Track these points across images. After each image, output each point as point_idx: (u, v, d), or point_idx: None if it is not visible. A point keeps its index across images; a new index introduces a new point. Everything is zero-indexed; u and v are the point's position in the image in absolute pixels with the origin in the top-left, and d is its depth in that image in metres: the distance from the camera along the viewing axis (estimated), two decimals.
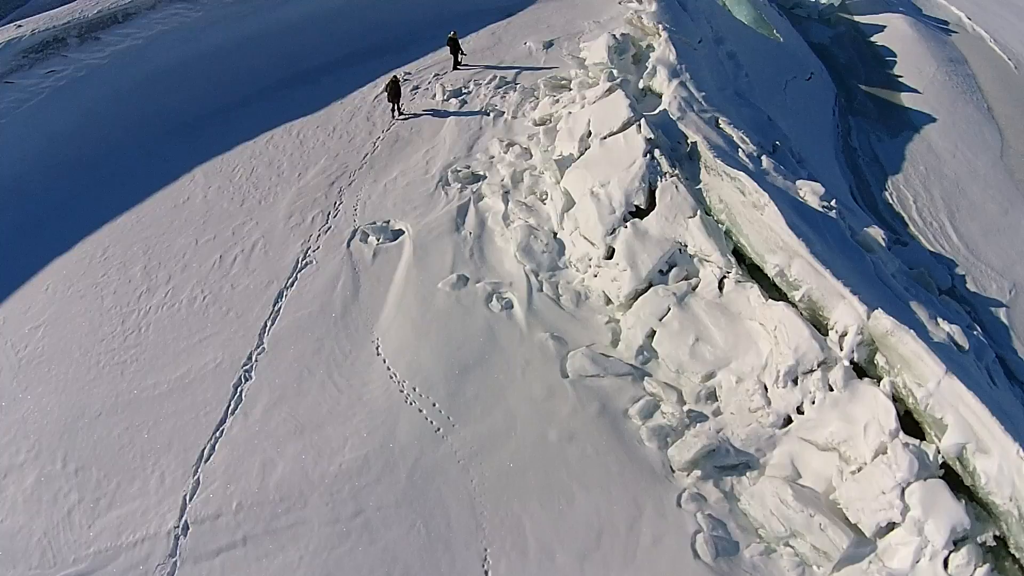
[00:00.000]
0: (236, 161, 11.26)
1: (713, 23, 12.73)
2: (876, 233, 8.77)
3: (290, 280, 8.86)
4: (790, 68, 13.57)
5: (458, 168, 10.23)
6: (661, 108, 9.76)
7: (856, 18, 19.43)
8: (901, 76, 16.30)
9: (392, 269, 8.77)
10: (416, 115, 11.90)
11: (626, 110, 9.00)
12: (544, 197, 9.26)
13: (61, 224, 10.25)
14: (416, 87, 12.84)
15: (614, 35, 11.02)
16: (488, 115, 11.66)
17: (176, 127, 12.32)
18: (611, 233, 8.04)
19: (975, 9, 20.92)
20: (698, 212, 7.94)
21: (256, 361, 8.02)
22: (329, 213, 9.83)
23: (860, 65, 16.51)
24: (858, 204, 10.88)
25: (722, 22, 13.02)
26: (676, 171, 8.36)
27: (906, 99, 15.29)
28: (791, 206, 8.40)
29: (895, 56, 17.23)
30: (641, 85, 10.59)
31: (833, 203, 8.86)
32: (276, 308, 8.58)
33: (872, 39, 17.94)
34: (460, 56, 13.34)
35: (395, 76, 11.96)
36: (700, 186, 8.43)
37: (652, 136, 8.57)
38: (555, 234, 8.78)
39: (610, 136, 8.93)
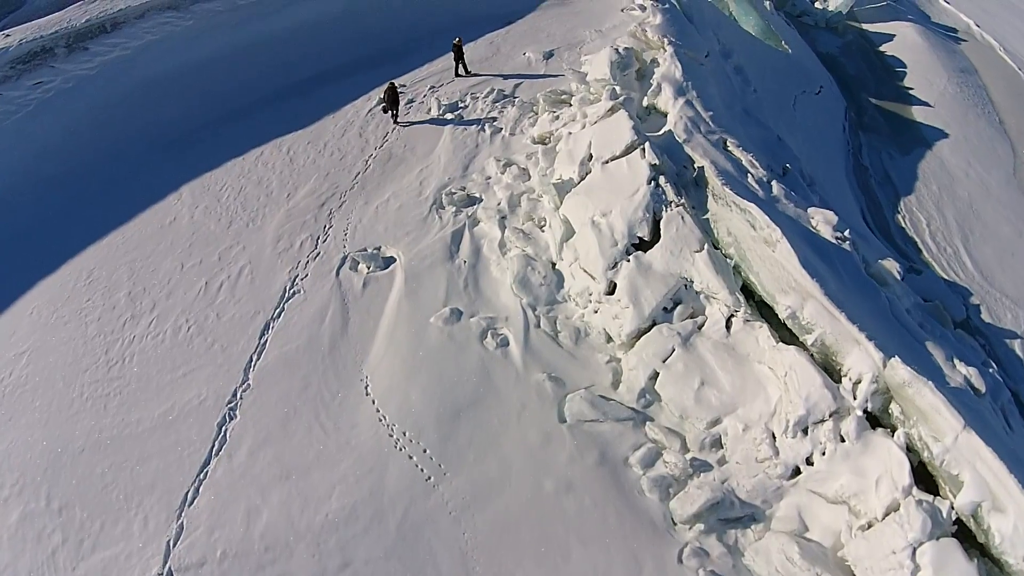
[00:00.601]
0: (224, 179, 10.72)
1: (720, 35, 12.08)
2: (891, 266, 8.28)
3: (277, 311, 8.39)
4: (799, 81, 12.96)
5: (453, 190, 9.65)
6: (666, 129, 9.15)
7: (864, 26, 18.73)
8: (911, 88, 15.69)
9: (383, 300, 8.27)
10: (414, 123, 11.35)
11: (629, 132, 8.42)
12: (542, 223, 8.69)
13: (48, 241, 9.81)
14: (411, 100, 12.20)
15: (617, 49, 10.33)
16: (485, 131, 11.04)
17: (165, 142, 11.75)
18: (613, 267, 7.50)
19: (983, 16, 20.22)
20: (705, 246, 7.39)
21: (241, 399, 7.59)
22: (318, 238, 9.30)
23: (870, 76, 15.87)
24: (871, 229, 10.35)
25: (729, 33, 12.38)
26: (682, 200, 7.80)
27: (917, 113, 14.71)
28: (804, 239, 7.89)
29: (905, 67, 16.61)
30: (645, 103, 9.97)
31: (847, 233, 8.33)
32: (262, 341, 8.14)
33: (881, 48, 17.27)
34: (463, 64, 12.74)
35: (392, 84, 11.39)
36: (707, 216, 7.88)
37: (657, 162, 8.00)
38: (554, 264, 8.23)
39: (612, 160, 8.35)
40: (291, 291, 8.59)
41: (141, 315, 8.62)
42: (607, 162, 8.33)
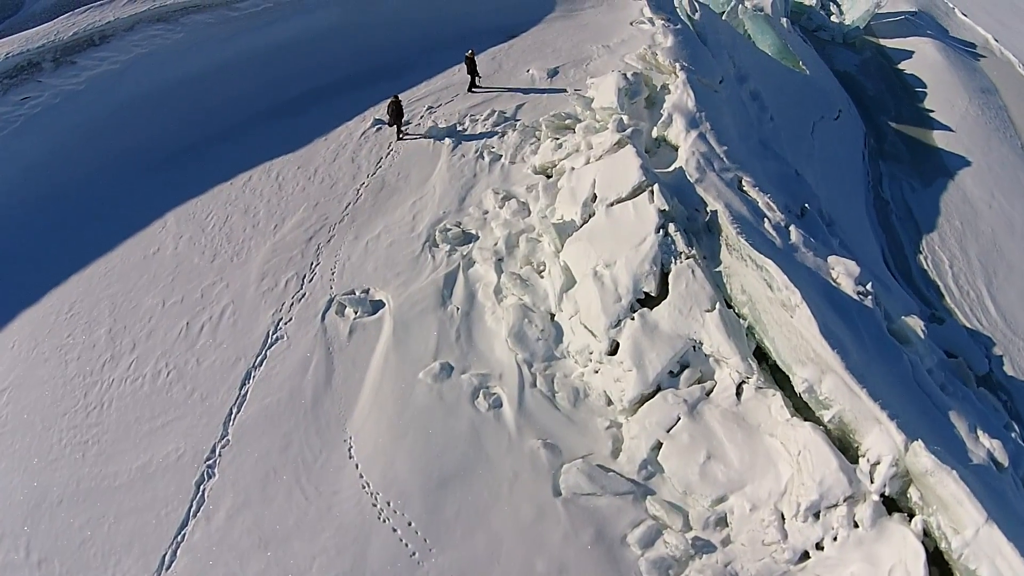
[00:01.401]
0: (211, 206, 9.99)
1: (736, 57, 11.11)
2: (915, 324, 7.54)
3: (259, 358, 7.74)
4: (817, 106, 12.01)
5: (448, 226, 8.86)
6: (677, 165, 8.31)
7: (882, 42, 17.56)
8: (932, 111, 14.68)
9: (369, 351, 7.59)
10: (411, 142, 10.63)
11: (637, 172, 7.60)
12: (542, 268, 7.92)
13: (32, 267, 9.22)
14: (407, 122, 11.27)
15: (625, 75, 9.42)
16: (484, 158, 10.20)
17: (152, 162, 10.99)
18: (616, 325, 6.76)
19: (1002, 30, 19.02)
20: (717, 305, 6.62)
21: (220, 455, 7.02)
22: (304, 276, 8.59)
23: (889, 97, 14.80)
24: (892, 272, 9.53)
25: (745, 55, 11.40)
26: (693, 251, 7.00)
27: (938, 139, 13.74)
28: (824, 296, 7.15)
29: (925, 87, 15.56)
30: (655, 134, 9.07)
31: (869, 286, 7.61)
32: (243, 392, 7.53)
33: (900, 66, 16.14)
34: (477, 78, 11.86)
35: (396, 97, 10.56)
36: (720, 268, 7.09)
37: (666, 207, 7.19)
38: (552, 316, 7.48)
39: (618, 203, 7.59)
40: (274, 336, 7.95)
41: (121, 356, 8.10)
42: (612, 204, 7.56)
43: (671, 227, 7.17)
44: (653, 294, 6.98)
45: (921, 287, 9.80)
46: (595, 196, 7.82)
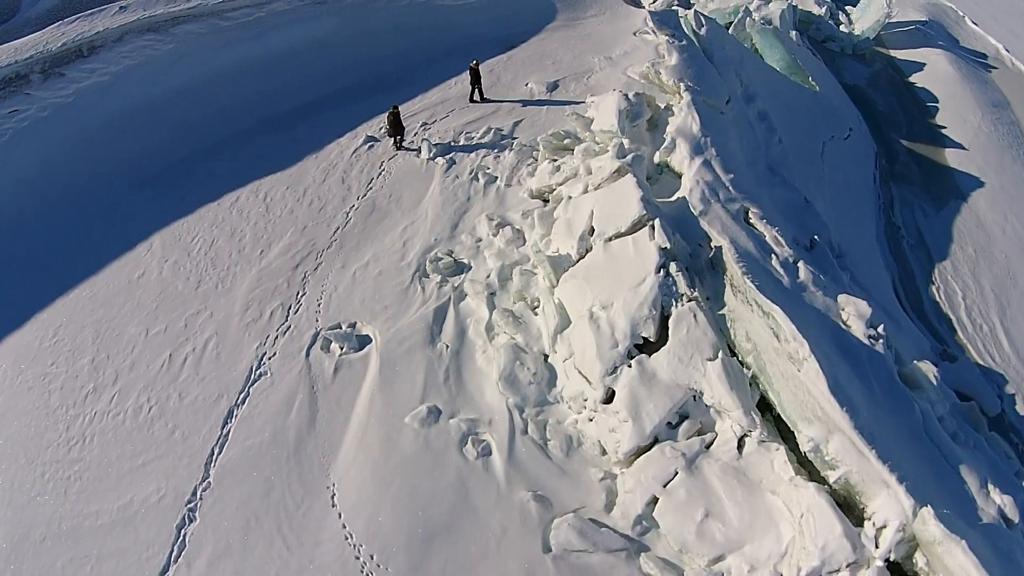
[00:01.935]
0: (197, 229, 9.51)
1: (743, 74, 10.44)
2: (927, 370, 7.03)
3: (241, 396, 7.31)
4: (827, 125, 11.31)
5: (439, 255, 8.36)
6: (680, 194, 7.77)
7: (892, 53, 16.67)
8: (944, 127, 13.96)
9: (355, 391, 7.14)
10: (413, 149, 10.18)
11: (637, 205, 7.06)
12: (535, 305, 7.42)
13: (19, 287, 8.86)
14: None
15: (626, 95, 8.81)
16: (479, 180, 9.66)
17: (141, 178, 10.53)
18: (611, 373, 6.28)
19: (1012, 40, 18.12)
20: (720, 353, 6.12)
21: (201, 499, 6.64)
22: (290, 307, 8.13)
23: (900, 113, 14.02)
24: (903, 304, 8.95)
25: (753, 72, 10.74)
26: (695, 292, 6.51)
27: (951, 157, 13.06)
28: (833, 341, 6.64)
29: (936, 101, 14.80)
30: (657, 159, 8.49)
31: (880, 329, 7.11)
32: (225, 431, 7.13)
33: (911, 79, 15.28)
34: (480, 89, 11.31)
35: (395, 108, 10.09)
36: (724, 311, 6.57)
37: (668, 245, 6.66)
38: (546, 357, 7.00)
39: (616, 238, 7.10)
40: (257, 372, 7.52)
41: (103, 387, 7.74)
42: (611, 239, 7.07)
43: (672, 266, 6.66)
44: (652, 340, 6.54)
45: (933, 321, 9.25)
46: (592, 229, 7.34)
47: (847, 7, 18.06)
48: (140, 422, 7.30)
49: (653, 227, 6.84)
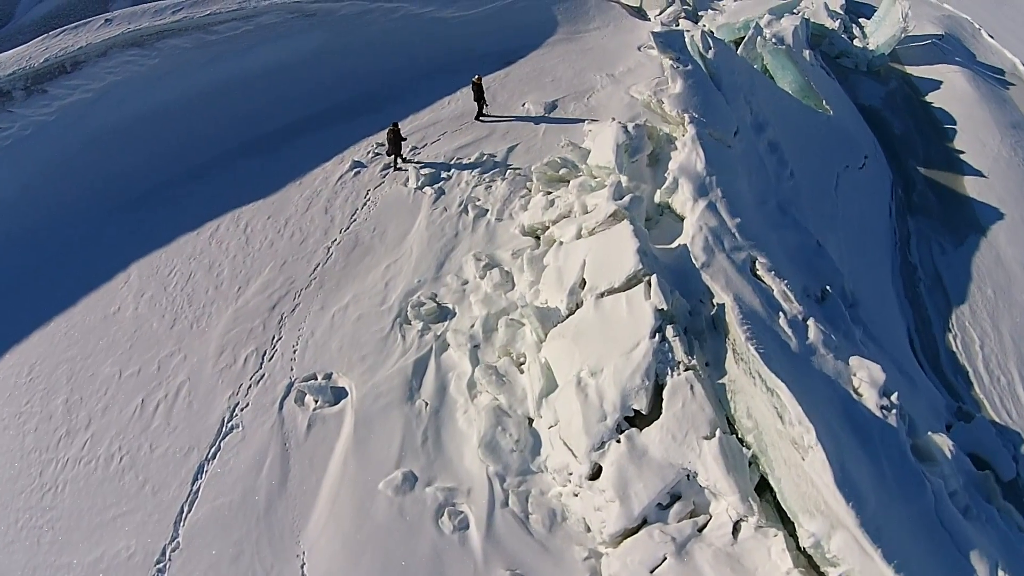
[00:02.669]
0: (175, 260, 8.82)
1: (753, 101, 9.44)
2: (942, 443, 6.25)
3: (212, 449, 6.70)
4: (842, 153, 10.32)
5: (422, 299, 7.64)
6: (681, 241, 6.95)
7: (908, 69, 15.43)
8: (962, 152, 12.88)
9: (328, 450, 6.49)
10: (414, 162, 9.54)
11: (633, 258, 6.26)
12: (521, 361, 6.70)
13: None
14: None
15: (625, 128, 7.90)
16: (468, 213, 8.86)
17: (121, 202, 9.84)
18: (599, 448, 5.60)
19: None
20: (717, 432, 5.40)
21: (170, 560, 6.05)
22: (265, 353, 7.45)
23: (917, 137, 12.94)
24: (918, 356, 8.14)
25: (763, 98, 9.67)
26: (693, 359, 5.76)
27: (969, 186, 12.02)
28: (843, 414, 5.84)
29: (954, 123, 13.65)
30: (658, 199, 7.65)
31: (894, 398, 6.36)
32: (195, 488, 6.53)
33: (928, 99, 14.12)
34: (484, 106, 10.55)
35: (395, 125, 9.39)
36: (725, 380, 5.81)
37: (665, 306, 5.89)
38: (531, 421, 6.30)
39: (609, 294, 6.37)
40: (229, 424, 6.90)
41: (76, 432, 7.22)
42: (603, 295, 6.36)
43: (669, 330, 5.88)
44: (644, 412, 5.84)
45: (949, 374, 8.41)
46: (584, 281, 6.59)
47: (861, 19, 16.82)
48: (111, 472, 6.81)
49: (650, 284, 6.09)
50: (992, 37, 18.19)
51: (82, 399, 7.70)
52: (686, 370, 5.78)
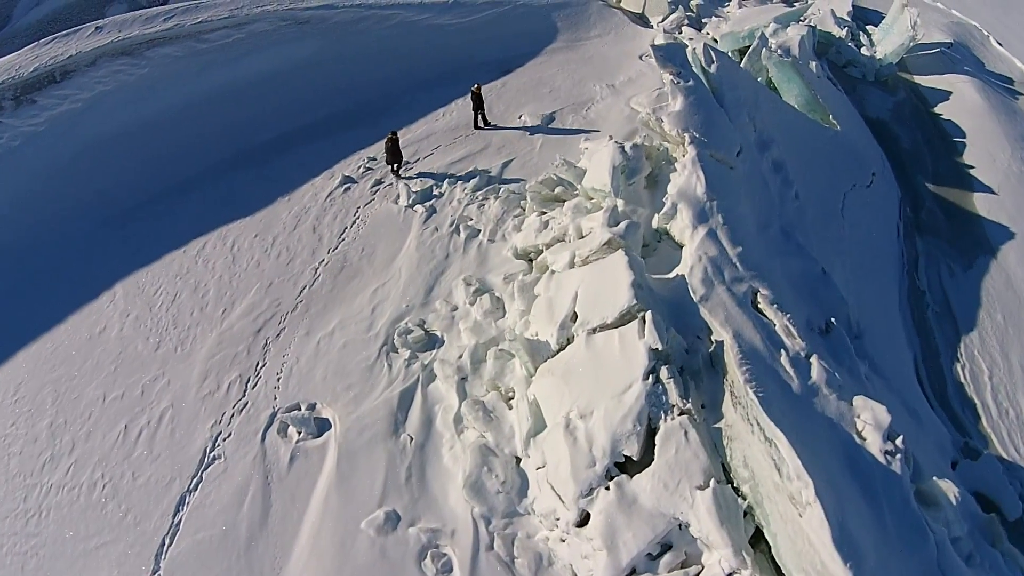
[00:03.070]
0: (160, 279, 8.49)
1: (757, 117, 8.87)
2: (948, 489, 5.86)
3: (194, 480, 6.42)
4: (849, 171, 9.75)
5: (410, 326, 7.28)
6: (679, 271, 6.51)
7: (916, 79, 14.68)
8: (972, 167, 12.29)
9: (310, 485, 6.18)
10: (415, 177, 9.15)
11: (627, 292, 5.83)
12: (510, 395, 6.33)
13: None
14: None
15: (622, 148, 7.43)
16: (459, 234, 8.46)
17: (109, 216, 9.55)
18: (587, 494, 5.26)
19: None
20: (712, 483, 5.03)
21: None
22: (248, 380, 7.13)
23: (926, 151, 12.31)
24: (924, 388, 7.69)
25: (768, 113, 9.12)
26: (688, 403, 5.39)
27: (979, 203, 11.46)
28: (845, 461, 5.43)
29: (964, 136, 13.02)
30: (656, 225, 7.20)
31: (899, 442, 5.99)
32: (176, 520, 6.25)
33: (937, 110, 13.40)
34: (483, 115, 10.17)
35: (393, 134, 9.06)
36: (721, 424, 5.45)
37: (659, 346, 5.49)
38: (518, 460, 5.94)
39: (601, 330, 6.01)
40: (211, 455, 6.62)
41: (60, 457, 6.99)
42: (595, 331, 6.01)
43: (664, 371, 5.49)
44: (635, 458, 5.50)
45: (956, 407, 7.98)
46: (575, 315, 6.20)
47: (868, 26, 16.07)
48: (94, 500, 6.59)
49: (644, 322, 5.70)
50: (1001, 45, 17.44)
51: (66, 422, 7.47)
52: (680, 414, 5.40)
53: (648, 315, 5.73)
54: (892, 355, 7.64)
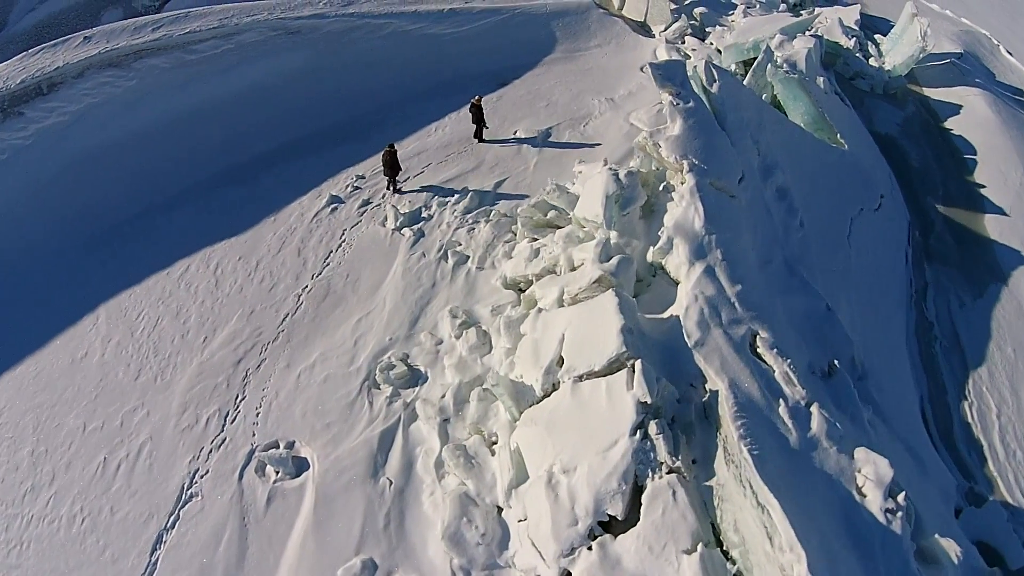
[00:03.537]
0: (143, 303, 8.14)
1: (761, 140, 8.25)
2: (949, 547, 5.43)
3: (171, 518, 6.13)
4: (857, 194, 9.14)
5: (393, 360, 6.88)
6: (674, 312, 6.00)
7: (926, 91, 13.87)
8: (983, 187, 11.57)
9: (287, 528, 5.86)
10: (406, 192, 8.83)
11: (616, 339, 5.35)
12: (494, 440, 5.94)
13: None
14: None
15: (616, 176, 6.84)
16: (447, 260, 8.02)
17: (95, 234, 9.20)
18: (568, 554, 4.93)
19: None
20: (700, 548, 4.63)
21: None
22: (227, 414, 6.79)
23: (936, 169, 11.58)
24: (930, 429, 7.21)
25: (773, 135, 8.48)
26: (678, 461, 4.99)
27: (990, 226, 10.80)
28: (843, 522, 4.96)
29: (975, 153, 12.27)
30: (650, 259, 6.67)
31: (901, 499, 5.58)
32: (153, 559, 5.95)
33: (947, 125, 12.65)
34: (485, 128, 9.73)
35: (391, 147, 8.67)
36: (713, 482, 5.03)
37: (649, 400, 5.07)
38: (500, 510, 5.57)
39: (588, 377, 5.58)
40: (188, 492, 6.32)
41: (41, 487, 6.74)
42: (581, 378, 5.60)
43: (652, 426, 5.06)
44: (620, 518, 5.11)
45: (962, 449, 7.46)
46: (561, 360, 5.77)
47: (877, 36, 15.15)
48: (73, 534, 6.34)
49: (633, 372, 5.25)
50: (1011, 54, 16.54)
51: (47, 451, 7.22)
52: (669, 472, 5.00)
53: (638, 365, 5.30)
54: (897, 396, 7.16)
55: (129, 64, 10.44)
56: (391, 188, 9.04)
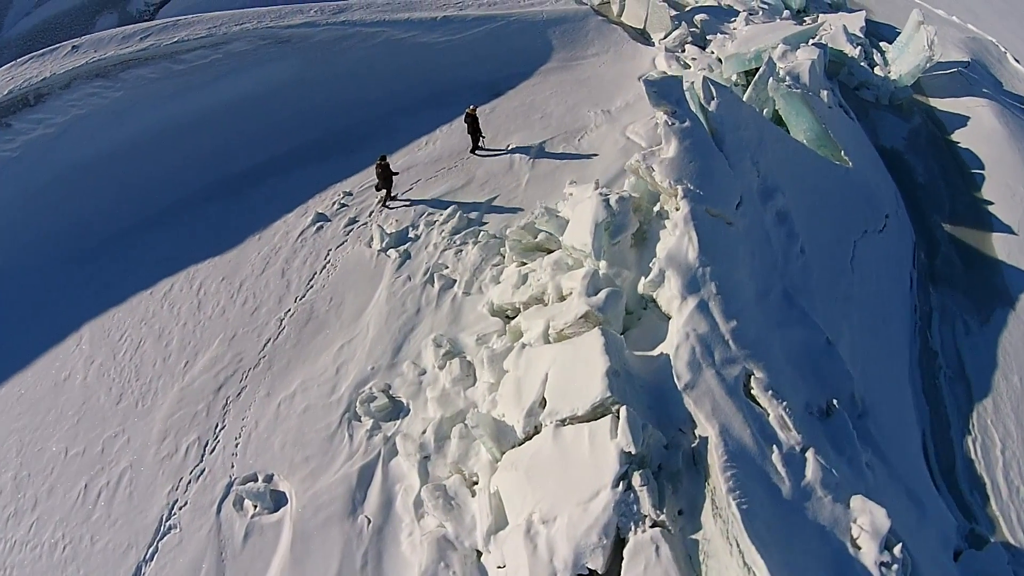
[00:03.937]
0: (126, 324, 7.90)
1: (761, 161, 7.71)
2: None
3: (150, 550, 5.94)
4: (861, 214, 8.62)
5: (374, 392, 6.58)
6: (663, 350, 5.61)
7: (932, 102, 13.17)
8: (991, 203, 10.97)
9: (264, 566, 5.60)
10: (394, 208, 8.52)
11: (601, 382, 4.98)
12: (475, 481, 5.65)
13: None
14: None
15: (607, 201, 6.40)
16: (433, 285, 7.67)
17: (80, 250, 8.93)
18: None
19: None
20: None
21: None
22: (207, 444, 6.54)
23: (942, 185, 11.00)
24: (931, 467, 6.81)
25: (773, 155, 7.96)
26: (662, 515, 4.64)
27: (998, 246, 10.22)
28: None
29: (982, 167, 11.62)
30: (641, 291, 6.24)
31: (897, 551, 5.24)
32: None
33: (954, 138, 12.02)
34: (481, 139, 9.35)
35: (383, 159, 8.36)
36: (698, 535, 4.69)
37: (633, 450, 4.71)
38: (479, 554, 5.29)
39: (571, 422, 5.20)
40: (167, 524, 6.08)
41: (23, 513, 6.58)
42: (564, 422, 5.27)
43: (636, 478, 4.73)
44: (600, 572, 4.83)
45: (964, 488, 7.03)
46: (543, 402, 5.43)
47: (883, 43, 14.37)
48: (55, 562, 6.18)
49: (618, 420, 4.89)
50: (1019, 62, 15.74)
51: (30, 476, 7.01)
52: (653, 526, 4.68)
53: (623, 412, 4.94)
54: (899, 432, 6.76)
55: (116, 74, 10.09)
56: (383, 203, 8.70)
